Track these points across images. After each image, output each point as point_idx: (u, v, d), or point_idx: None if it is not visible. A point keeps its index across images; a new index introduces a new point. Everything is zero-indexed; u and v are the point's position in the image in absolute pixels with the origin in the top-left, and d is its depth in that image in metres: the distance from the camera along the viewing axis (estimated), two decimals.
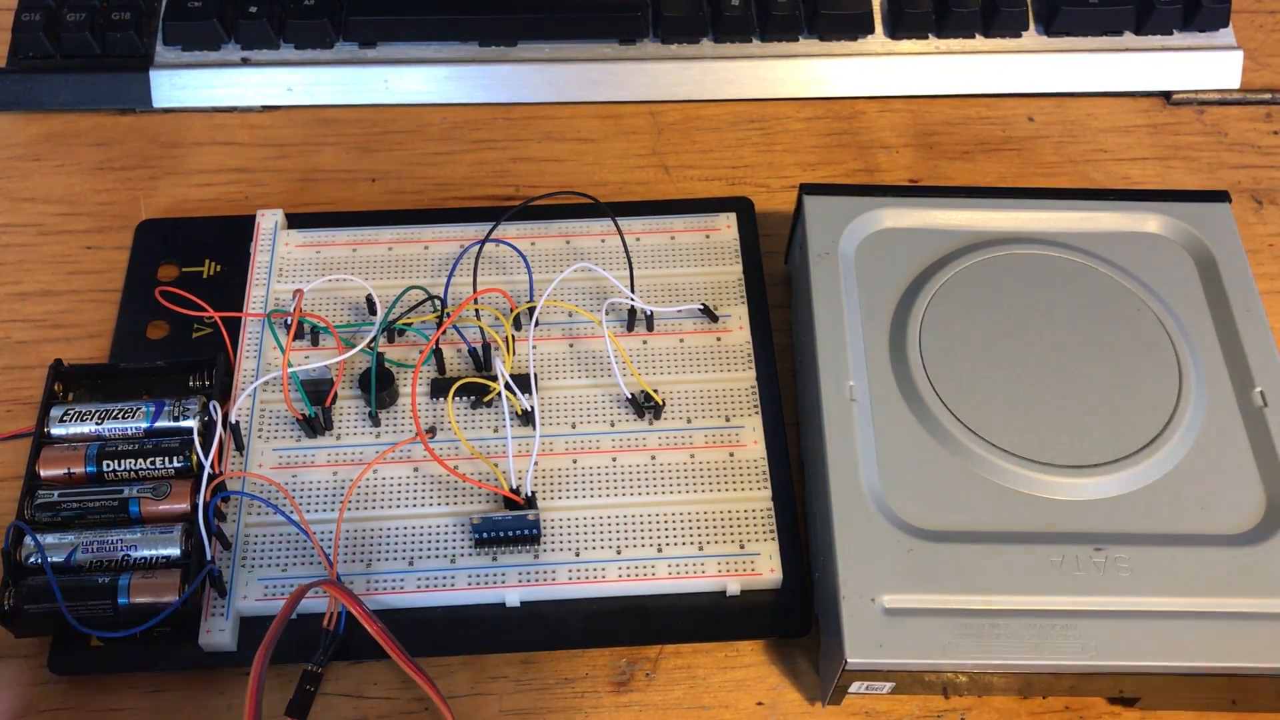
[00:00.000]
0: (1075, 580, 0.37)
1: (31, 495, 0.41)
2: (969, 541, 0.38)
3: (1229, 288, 0.44)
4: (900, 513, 0.39)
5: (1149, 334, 0.43)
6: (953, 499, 0.39)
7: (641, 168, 0.54)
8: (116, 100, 0.55)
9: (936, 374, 0.41)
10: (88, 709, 0.40)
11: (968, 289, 0.44)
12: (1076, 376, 0.42)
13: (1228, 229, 0.45)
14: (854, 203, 0.45)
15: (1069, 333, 0.43)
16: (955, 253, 0.45)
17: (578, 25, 0.55)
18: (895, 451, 0.40)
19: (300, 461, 0.43)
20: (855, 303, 0.43)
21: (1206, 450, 0.40)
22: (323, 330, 0.46)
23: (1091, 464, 0.40)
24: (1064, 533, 0.38)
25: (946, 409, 0.41)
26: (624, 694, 0.40)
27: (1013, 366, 0.42)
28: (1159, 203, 0.46)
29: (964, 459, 0.40)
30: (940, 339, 0.42)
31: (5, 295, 0.50)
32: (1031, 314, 0.43)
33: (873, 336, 0.43)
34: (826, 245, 0.44)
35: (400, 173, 0.54)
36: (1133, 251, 0.45)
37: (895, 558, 0.37)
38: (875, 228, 0.45)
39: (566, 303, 0.47)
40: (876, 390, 0.41)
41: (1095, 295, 0.44)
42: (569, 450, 0.44)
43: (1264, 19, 0.59)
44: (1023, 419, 0.41)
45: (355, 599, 0.39)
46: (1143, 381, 0.42)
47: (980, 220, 0.46)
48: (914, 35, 0.56)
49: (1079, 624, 0.36)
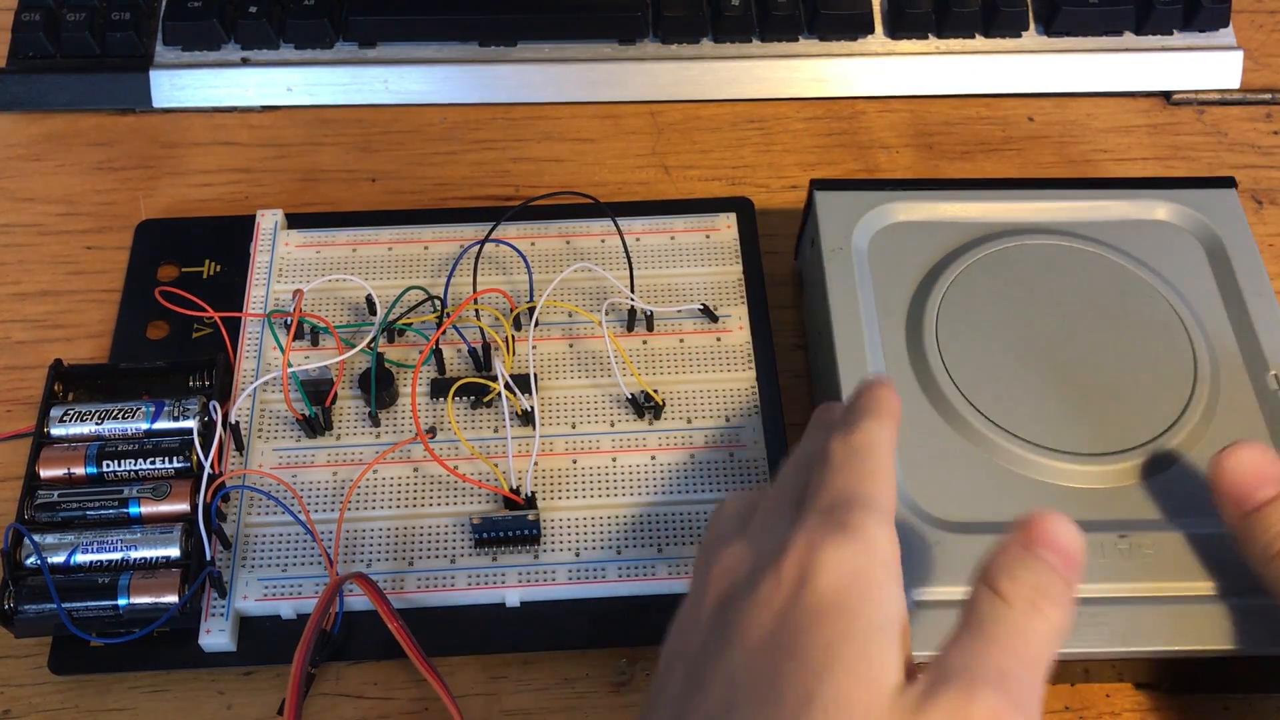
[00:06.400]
0: (1101, 568, 0.37)
1: (31, 495, 0.41)
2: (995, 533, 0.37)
3: (1239, 273, 0.44)
4: (924, 506, 0.38)
5: (1162, 320, 0.43)
6: (976, 491, 0.39)
7: (641, 168, 0.54)
8: (116, 100, 0.55)
9: (954, 366, 0.41)
10: (88, 709, 0.40)
11: (981, 281, 0.44)
12: (1092, 364, 0.42)
13: (1235, 215, 0.46)
14: (865, 197, 0.46)
15: (1083, 321, 0.43)
16: (967, 245, 0.45)
17: (578, 25, 0.55)
18: (916, 445, 0.40)
19: (300, 462, 0.43)
20: (870, 297, 0.43)
21: (1224, 433, 0.40)
22: (323, 330, 0.46)
23: (1112, 451, 0.40)
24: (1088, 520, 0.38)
25: (966, 400, 0.41)
26: (624, 694, 0.40)
27: (1029, 356, 0.42)
28: (1167, 190, 0.46)
29: (985, 450, 0.40)
30: (956, 331, 0.42)
31: (5, 295, 0.50)
32: (1045, 303, 0.43)
33: (889, 331, 0.43)
34: (839, 241, 0.44)
35: (400, 173, 0.54)
36: (1143, 239, 0.45)
37: (921, 551, 0.37)
38: (887, 221, 0.45)
39: (566, 303, 0.47)
40: (895, 382, 0.41)
41: (1107, 283, 0.44)
42: (569, 450, 0.44)
43: (1264, 19, 0.59)
44: (1042, 408, 0.41)
45: (382, 596, 0.39)
46: (1158, 367, 0.42)
47: (991, 212, 0.46)
48: (914, 35, 0.56)
49: (1106, 611, 0.36)
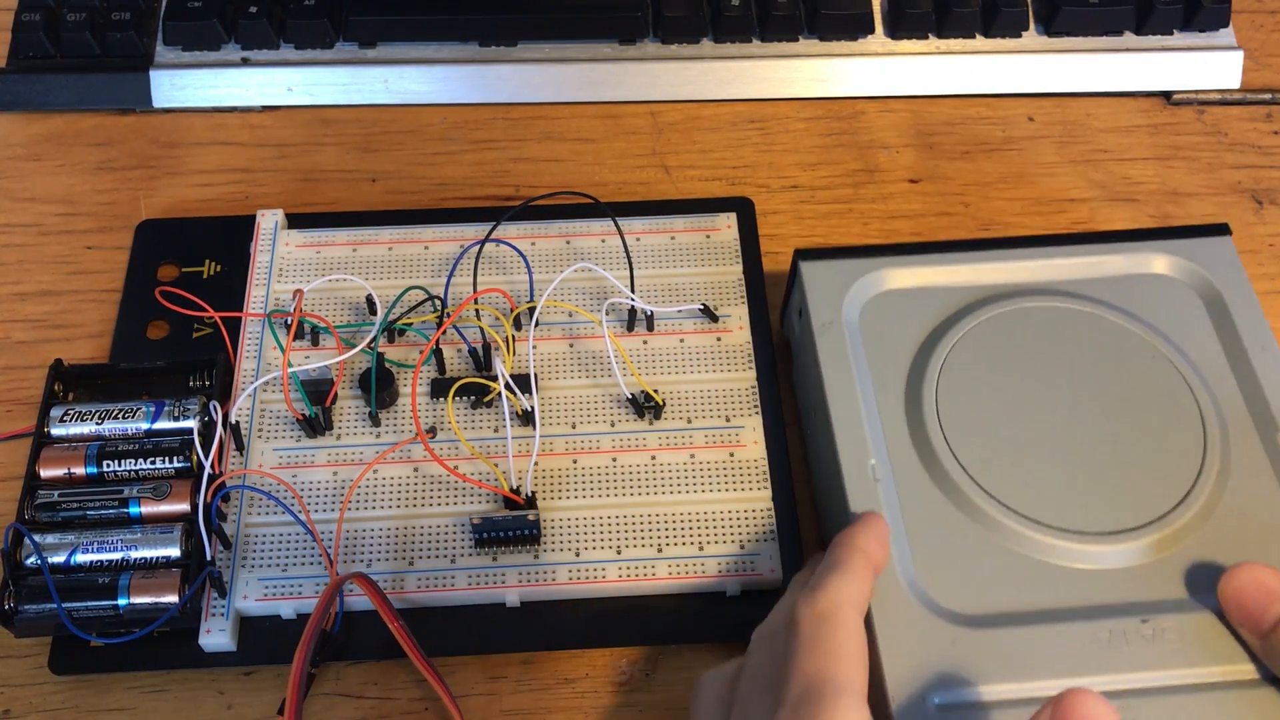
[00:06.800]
0: (1125, 657, 0.35)
1: (31, 495, 0.41)
2: (1013, 625, 0.36)
3: (1240, 325, 0.42)
4: (939, 600, 0.36)
5: (1167, 382, 0.41)
6: (990, 579, 0.37)
7: (641, 168, 0.54)
8: (116, 100, 0.55)
9: (958, 444, 0.39)
10: (88, 709, 0.40)
11: (979, 349, 0.42)
12: (1100, 435, 0.40)
13: (1231, 263, 0.44)
14: (853, 265, 0.43)
15: (1087, 388, 0.41)
16: (961, 311, 0.43)
17: (578, 25, 0.55)
18: (925, 532, 0.38)
19: (300, 461, 0.43)
20: (865, 373, 0.41)
21: (1238, 501, 0.39)
22: (323, 330, 0.46)
23: (1126, 529, 0.38)
24: (1108, 605, 0.37)
25: (973, 481, 0.39)
26: (624, 694, 0.40)
27: (1034, 430, 0.40)
28: (1160, 241, 0.45)
29: (997, 534, 0.38)
30: (957, 406, 0.40)
31: (5, 295, 0.50)
32: (1046, 371, 0.41)
33: (888, 409, 0.40)
34: (830, 314, 0.42)
35: (400, 173, 0.54)
36: (1141, 295, 0.43)
37: (941, 650, 0.35)
38: (877, 290, 0.43)
39: (566, 303, 0.47)
40: (899, 466, 0.39)
41: (1109, 345, 0.42)
42: (569, 450, 0.44)
43: (1264, 19, 0.59)
44: (1051, 486, 0.39)
45: (383, 596, 0.39)
46: (1167, 434, 0.40)
47: (983, 274, 0.44)
48: (914, 35, 0.56)
49: (1136, 704, 0.34)
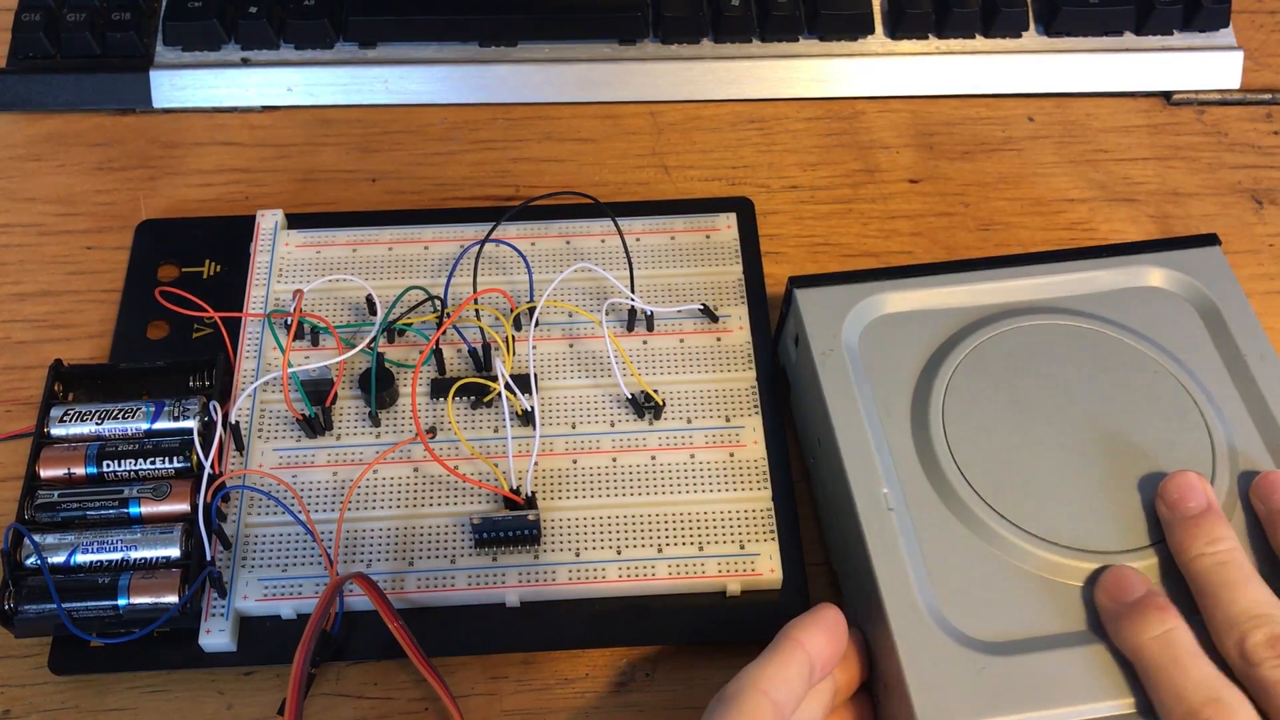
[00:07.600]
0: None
1: (31, 495, 0.41)
2: (1039, 649, 0.35)
3: (1236, 335, 0.42)
4: (963, 628, 0.36)
5: (1170, 396, 0.41)
6: (1011, 603, 0.37)
7: (641, 168, 0.54)
8: (116, 100, 0.55)
9: (968, 467, 0.39)
10: (88, 709, 0.40)
11: (981, 370, 0.41)
12: (1108, 452, 0.39)
13: (1223, 273, 0.44)
14: (849, 291, 0.43)
15: (1093, 405, 0.40)
16: (961, 332, 0.42)
17: (578, 25, 0.55)
18: (943, 559, 0.37)
19: (300, 462, 0.43)
20: (870, 400, 0.41)
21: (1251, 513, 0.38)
22: (323, 330, 0.46)
23: (1138, 546, 0.37)
24: None
25: (987, 505, 0.38)
26: (624, 694, 0.40)
27: (1043, 449, 0.39)
28: (1152, 253, 0.44)
29: (1012, 556, 0.37)
30: (964, 429, 0.40)
31: (5, 295, 0.50)
32: (1050, 390, 0.41)
33: (895, 435, 0.40)
34: (829, 341, 0.41)
35: (400, 173, 0.54)
36: (1137, 309, 0.43)
37: (969, 680, 0.35)
38: (875, 314, 0.43)
39: (566, 303, 0.47)
40: (910, 493, 0.39)
41: (1111, 361, 0.42)
42: (569, 450, 0.44)
43: (1264, 19, 0.59)
44: (1065, 506, 0.38)
45: (383, 596, 0.39)
46: (1175, 449, 0.39)
47: (981, 294, 0.43)
48: (914, 35, 0.56)
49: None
